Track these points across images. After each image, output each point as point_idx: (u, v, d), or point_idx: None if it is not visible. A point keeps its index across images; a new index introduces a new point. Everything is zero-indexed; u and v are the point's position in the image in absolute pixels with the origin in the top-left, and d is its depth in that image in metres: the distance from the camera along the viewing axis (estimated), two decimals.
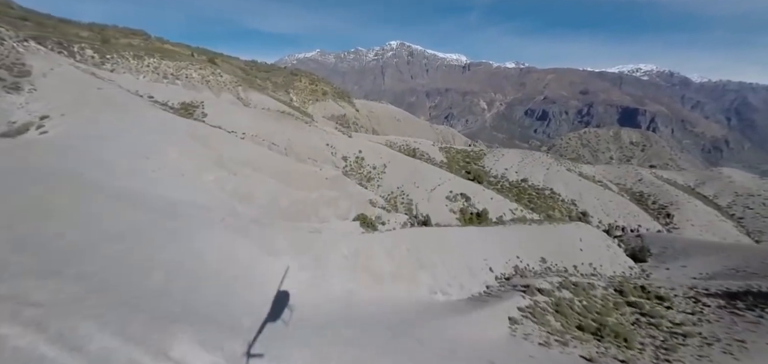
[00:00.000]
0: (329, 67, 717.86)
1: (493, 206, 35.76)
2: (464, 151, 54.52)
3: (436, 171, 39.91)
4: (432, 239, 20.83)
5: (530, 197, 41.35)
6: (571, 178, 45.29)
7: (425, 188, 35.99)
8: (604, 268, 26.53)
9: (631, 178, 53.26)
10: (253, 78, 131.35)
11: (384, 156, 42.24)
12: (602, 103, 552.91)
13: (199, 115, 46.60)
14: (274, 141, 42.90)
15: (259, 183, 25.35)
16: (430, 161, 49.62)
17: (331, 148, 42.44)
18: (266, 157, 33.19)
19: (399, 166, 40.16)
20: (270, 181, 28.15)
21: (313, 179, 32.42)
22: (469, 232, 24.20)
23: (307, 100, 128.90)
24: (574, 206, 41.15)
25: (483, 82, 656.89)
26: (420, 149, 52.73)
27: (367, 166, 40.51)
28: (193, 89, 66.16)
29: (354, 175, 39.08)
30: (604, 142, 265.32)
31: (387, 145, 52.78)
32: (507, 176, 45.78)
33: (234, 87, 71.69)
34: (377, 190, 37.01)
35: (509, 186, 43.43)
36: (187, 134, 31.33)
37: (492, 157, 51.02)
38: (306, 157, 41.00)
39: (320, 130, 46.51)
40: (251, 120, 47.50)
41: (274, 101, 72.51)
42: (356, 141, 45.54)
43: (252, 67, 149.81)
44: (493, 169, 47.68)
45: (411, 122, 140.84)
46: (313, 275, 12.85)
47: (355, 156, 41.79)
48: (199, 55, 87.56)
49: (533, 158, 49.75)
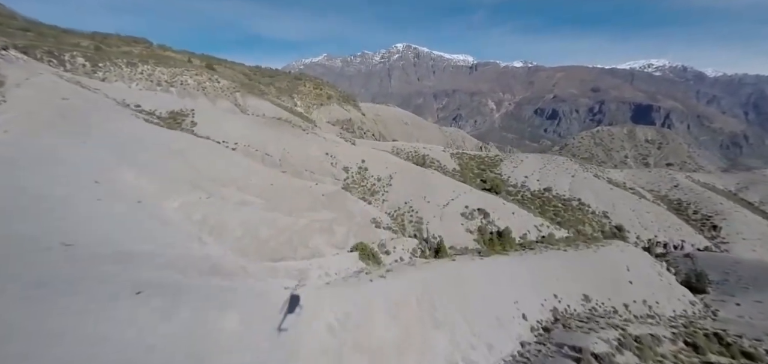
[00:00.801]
0: (336, 72, 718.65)
1: (516, 222, 30.89)
2: (478, 157, 49.64)
3: (448, 182, 35.19)
4: (449, 281, 16.19)
5: (556, 210, 36.33)
6: (601, 187, 40.06)
7: (437, 203, 31.31)
8: (661, 305, 21.47)
9: (665, 183, 47.60)
10: (257, 83, 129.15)
11: (390, 166, 37.72)
12: (614, 101, 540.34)
13: (188, 124, 42.87)
14: (267, 151, 38.79)
15: (236, 209, 21.04)
16: (442, 170, 44.91)
17: (330, 158, 38.13)
18: (254, 173, 28.97)
19: (407, 178, 35.58)
20: (254, 202, 23.85)
21: (307, 197, 28.07)
22: (494, 265, 19.46)
23: (312, 104, 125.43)
24: (607, 219, 35.99)
25: (491, 82, 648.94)
26: (430, 156, 48.04)
27: (371, 177, 36.06)
28: (187, 97, 62.79)
29: (356, 188, 34.66)
30: (618, 141, 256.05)
31: (393, 152, 48.27)
32: (528, 185, 40.78)
33: (232, 93, 68.20)
34: (382, 206, 32.50)
35: (531, 197, 38.45)
36: (161, 149, 27.32)
37: (510, 163, 46.02)
38: (302, 169, 36.77)
39: (320, 138, 42.26)
40: (245, 128, 43.54)
41: (274, 107, 68.78)
42: (359, 149, 41.16)
43: (256, 72, 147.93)
44: (512, 177, 42.74)
45: (419, 125, 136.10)
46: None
47: (357, 166, 37.39)
48: (197, 62, 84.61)
49: (556, 164, 44.62)
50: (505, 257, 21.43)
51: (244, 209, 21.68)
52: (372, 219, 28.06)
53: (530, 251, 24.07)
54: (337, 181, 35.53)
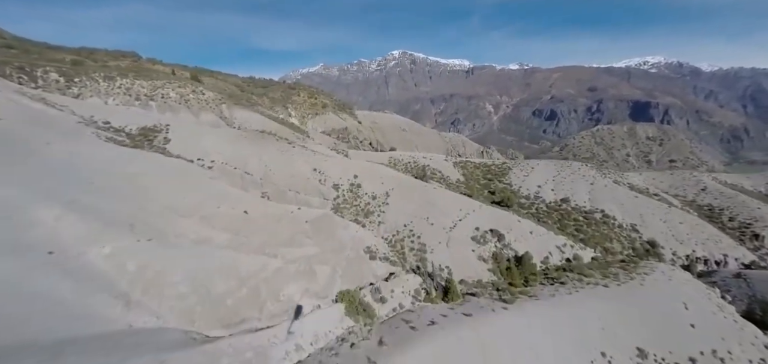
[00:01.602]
0: (333, 81, 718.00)
1: (535, 244, 26.30)
2: (484, 165, 45.10)
3: (454, 199, 30.60)
4: (467, 358, 11.52)
5: (577, 225, 31.76)
6: (625, 195, 35.53)
7: (442, 225, 26.70)
8: (735, 356, 16.77)
9: (691, 186, 43.07)
10: (249, 94, 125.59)
11: (386, 181, 33.17)
12: (612, 99, 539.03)
13: (160, 141, 38.43)
14: (247, 170, 34.28)
15: (188, 252, 16.44)
16: (445, 181, 40.37)
17: (319, 174, 33.61)
18: (225, 199, 24.41)
19: (406, 194, 31.02)
20: (217, 239, 19.26)
21: (288, 226, 23.48)
22: (522, 319, 14.85)
23: (307, 114, 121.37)
24: (637, 234, 31.44)
25: (488, 86, 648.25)
26: (431, 166, 43.51)
27: (365, 195, 31.50)
28: (168, 110, 58.50)
29: (348, 209, 30.08)
30: (619, 139, 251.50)
31: (390, 164, 43.77)
32: (542, 196, 36.26)
33: (217, 105, 64.01)
34: (378, 229, 27.91)
35: (547, 210, 33.90)
36: (110, 176, 22.78)
37: (519, 171, 41.48)
38: (286, 188, 32.22)
39: (307, 152, 37.77)
40: (224, 143, 39.09)
41: (263, 119, 64.53)
42: (352, 163, 36.66)
43: (249, 83, 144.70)
44: (523, 187, 38.22)
45: (417, 132, 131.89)
46: None
47: (349, 183, 32.86)
48: (183, 73, 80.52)
49: (572, 170, 40.09)
50: (534, 302, 16.77)
51: (201, 250, 17.06)
52: (366, 248, 23.47)
53: (561, 285, 19.42)
54: (325, 201, 30.98)
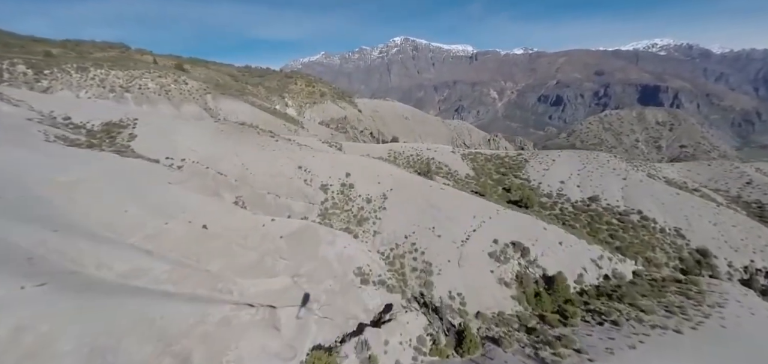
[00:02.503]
0: (335, 69, 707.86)
1: (566, 257, 21.28)
2: (497, 157, 39.65)
3: (464, 201, 25.48)
4: None
5: (611, 229, 26.62)
6: (664, 193, 30.16)
7: (452, 237, 21.69)
8: None
9: (734, 179, 37.56)
10: (244, 84, 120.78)
11: (384, 180, 28.12)
12: (619, 83, 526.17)
13: (124, 138, 33.52)
14: (221, 169, 29.33)
15: (92, 305, 11.50)
16: (453, 177, 35.20)
17: (304, 173, 28.59)
18: (181, 211, 19.55)
19: (407, 197, 25.98)
20: (155, 270, 14.43)
21: (257, 244, 18.63)
22: None
23: (304, 103, 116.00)
24: (683, 240, 26.31)
25: (492, 71, 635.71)
26: (436, 159, 38.31)
27: (359, 198, 26.52)
28: (145, 102, 53.51)
29: (337, 215, 25.14)
30: (627, 125, 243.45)
31: (390, 158, 38.62)
32: (566, 193, 31.07)
33: (202, 95, 58.86)
34: (373, 241, 23.00)
35: (574, 211, 28.74)
36: (29, 188, 17.93)
37: (538, 163, 36.11)
38: (265, 191, 27.27)
39: (293, 147, 32.70)
40: (199, 139, 34.15)
41: (253, 109, 59.34)
42: (345, 158, 31.56)
43: (244, 72, 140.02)
44: (543, 183, 32.98)
45: (420, 119, 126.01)
46: None
47: (340, 183, 27.86)
48: (167, 63, 75.03)
49: (599, 163, 34.64)
50: None
51: (117, 299, 12.15)
52: (356, 269, 18.61)
53: (614, 327, 14.44)
54: (311, 205, 26.03)
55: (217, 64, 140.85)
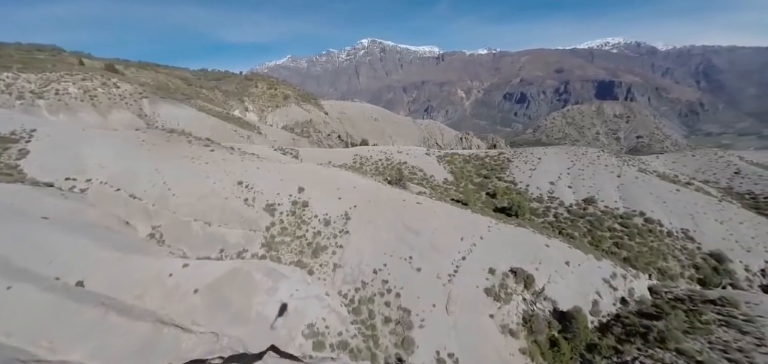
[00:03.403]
0: (302, 73, 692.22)
1: (575, 281, 16.92)
2: (476, 158, 35.28)
3: (447, 216, 20.57)
4: None
5: (615, 236, 22.88)
6: (663, 190, 27.04)
7: (436, 269, 16.62)
8: None
9: (721, 170, 35.65)
10: (198, 88, 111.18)
11: (347, 194, 22.65)
12: (578, 80, 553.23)
13: (13, 155, 25.60)
14: (135, 192, 22.59)
15: None
16: (429, 182, 30.31)
17: (246, 190, 22.50)
18: (37, 263, 13.06)
19: (376, 215, 20.67)
20: None
21: (157, 304, 12.54)
22: None
23: (266, 107, 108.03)
24: (692, 243, 23.07)
25: (458, 71, 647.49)
26: (409, 164, 33.35)
27: (315, 219, 20.86)
28: (64, 110, 44.66)
29: (286, 246, 19.34)
30: (588, 118, 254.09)
31: (356, 164, 33.15)
32: (558, 196, 27.22)
33: (136, 100, 50.56)
34: (332, 278, 17.47)
35: (570, 217, 24.84)
36: None
37: (522, 163, 32.16)
38: (191, 217, 20.92)
39: (233, 158, 26.41)
40: (114, 152, 26.95)
41: (197, 113, 51.76)
42: (299, 169, 25.77)
43: (200, 76, 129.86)
44: (531, 184, 29.02)
45: (390, 120, 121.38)
46: None
47: (291, 201, 22.04)
48: (97, 65, 65.21)
49: (589, 160, 31.20)
50: None
51: None
52: (306, 328, 13.09)
53: None
54: (252, 233, 20.03)
55: (168, 68, 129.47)
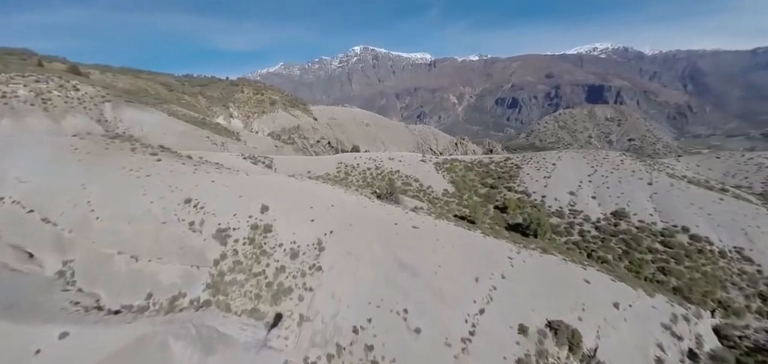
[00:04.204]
0: (295, 80, 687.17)
1: (630, 331, 12.37)
2: (479, 165, 30.42)
3: (454, 246, 15.80)
4: None
5: (659, 260, 18.41)
6: (705, 199, 22.70)
7: (442, 332, 11.79)
8: None
9: (753, 173, 31.49)
10: (179, 94, 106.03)
11: (322, 216, 17.72)
12: (568, 84, 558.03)
13: None
14: (50, 214, 17.37)
15: None
16: (427, 195, 25.51)
17: (194, 210, 17.43)
18: None
19: (359, 245, 15.78)
20: None
21: None
22: None
23: (252, 113, 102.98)
24: (752, 266, 18.62)
25: (451, 77, 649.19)
26: (403, 172, 28.57)
27: (279, 249, 15.90)
28: (9, 114, 39.07)
29: (239, 286, 14.34)
30: (580, 122, 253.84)
31: (340, 174, 28.20)
32: (581, 209, 22.71)
33: (97, 104, 45.16)
34: (298, 336, 12.53)
35: (600, 236, 20.29)
36: None
37: (534, 170, 27.52)
38: (114, 248, 15.77)
39: (184, 170, 21.33)
40: (39, 163, 21.75)
41: (166, 118, 46.41)
42: (266, 183, 20.80)
43: (184, 81, 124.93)
44: (548, 195, 24.50)
45: (382, 125, 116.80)
46: None
47: (250, 224, 17.03)
48: (58, 66, 59.52)
49: (612, 165, 26.65)
50: None
51: None
52: None
53: None
54: (195, 269, 14.96)
55: (152, 74, 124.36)
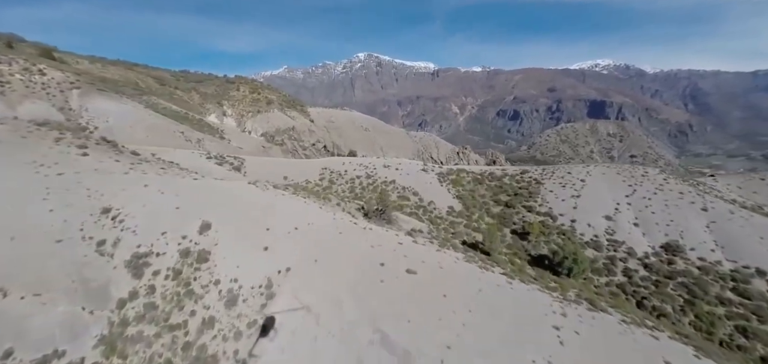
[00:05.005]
0: (298, 83, 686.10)
1: None
2: (491, 177, 25.63)
3: (468, 301, 11.08)
4: None
5: (734, 315, 13.70)
6: None
7: None
8: None
9: None
10: (172, 89, 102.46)
11: (280, 242, 12.93)
12: (570, 99, 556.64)
13: None
14: None
15: None
16: (429, 213, 20.75)
17: (110, 225, 12.68)
18: None
19: (325, 292, 10.94)
20: None
21: None
22: None
23: (247, 112, 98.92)
24: None
25: (453, 87, 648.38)
26: (399, 183, 23.90)
27: (213, 289, 11.06)
28: None
29: (141, 347, 9.52)
30: (582, 137, 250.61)
31: (324, 182, 23.42)
32: (621, 239, 18.04)
33: (64, 91, 40.59)
34: None
35: (651, 279, 15.50)
36: None
37: (558, 186, 22.61)
38: None
39: (116, 168, 16.61)
40: None
41: (141, 110, 41.76)
42: (214, 191, 16.09)
43: (179, 77, 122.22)
44: (578, 219, 19.81)
45: (382, 130, 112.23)
46: None
47: (181, 248, 12.19)
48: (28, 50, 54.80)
49: (654, 183, 21.89)
50: None
51: None
52: None
53: None
54: (89, 314, 10.19)
55: (147, 68, 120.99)
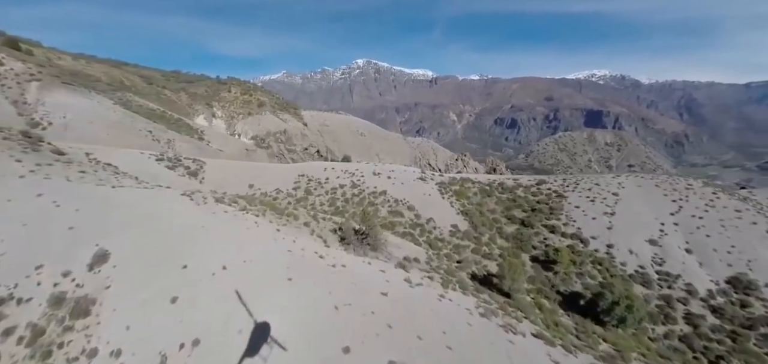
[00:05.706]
0: (296, 88, 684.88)
1: None
2: (502, 188, 21.50)
3: None
4: None
5: None
6: None
7: None
8: None
9: None
10: (159, 88, 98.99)
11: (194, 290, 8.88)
12: (567, 108, 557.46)
13: None
14: None
15: None
16: (426, 231, 16.73)
17: None
18: None
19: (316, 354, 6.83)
20: None
21: None
22: None
23: (237, 113, 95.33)
24: None
25: (451, 95, 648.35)
26: (392, 194, 19.96)
27: None
28: None
29: None
30: (580, 146, 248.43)
31: (299, 192, 19.32)
32: (677, 271, 14.21)
33: (21, 83, 36.39)
34: None
35: (724, 331, 11.57)
36: None
37: (585, 200, 18.62)
38: None
39: (9, 172, 12.49)
40: None
41: (104, 106, 37.61)
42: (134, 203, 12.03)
43: (169, 77, 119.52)
44: (615, 243, 15.81)
45: (379, 136, 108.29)
46: None
47: (50, 297, 8.79)
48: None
49: (702, 198, 17.80)
50: None
51: None
52: None
53: None
54: None
55: (136, 67, 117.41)
